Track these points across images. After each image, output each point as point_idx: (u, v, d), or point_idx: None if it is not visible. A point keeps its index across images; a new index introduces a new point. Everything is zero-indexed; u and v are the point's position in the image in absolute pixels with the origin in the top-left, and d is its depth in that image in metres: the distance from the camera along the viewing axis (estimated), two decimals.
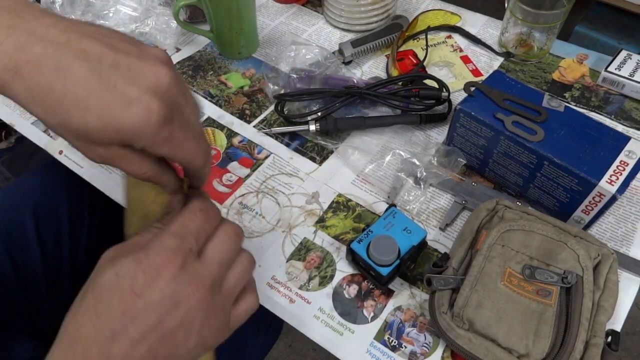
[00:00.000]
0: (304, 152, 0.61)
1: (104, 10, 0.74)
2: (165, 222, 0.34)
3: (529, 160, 0.50)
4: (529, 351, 0.40)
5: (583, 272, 0.43)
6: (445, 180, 0.56)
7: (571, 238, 0.45)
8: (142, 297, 0.28)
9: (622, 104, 0.64)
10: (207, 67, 0.71)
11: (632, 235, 0.52)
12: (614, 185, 0.46)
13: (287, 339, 1.18)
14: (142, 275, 0.29)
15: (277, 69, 0.68)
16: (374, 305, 0.48)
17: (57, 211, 0.62)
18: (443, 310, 0.43)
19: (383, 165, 0.59)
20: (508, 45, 0.70)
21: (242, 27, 0.68)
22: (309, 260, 0.52)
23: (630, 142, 0.49)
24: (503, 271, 0.43)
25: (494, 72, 0.57)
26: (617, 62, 0.66)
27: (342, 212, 0.55)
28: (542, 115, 0.51)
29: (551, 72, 0.69)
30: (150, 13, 0.73)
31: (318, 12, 0.80)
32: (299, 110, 0.65)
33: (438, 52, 0.73)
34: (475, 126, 0.53)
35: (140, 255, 0.29)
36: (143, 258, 0.29)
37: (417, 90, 0.62)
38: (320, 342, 0.46)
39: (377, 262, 0.46)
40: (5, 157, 1.37)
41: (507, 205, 0.49)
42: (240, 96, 0.68)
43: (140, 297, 0.28)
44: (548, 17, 0.64)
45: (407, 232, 0.48)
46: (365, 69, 0.71)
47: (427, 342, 0.46)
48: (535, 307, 0.41)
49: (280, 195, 0.57)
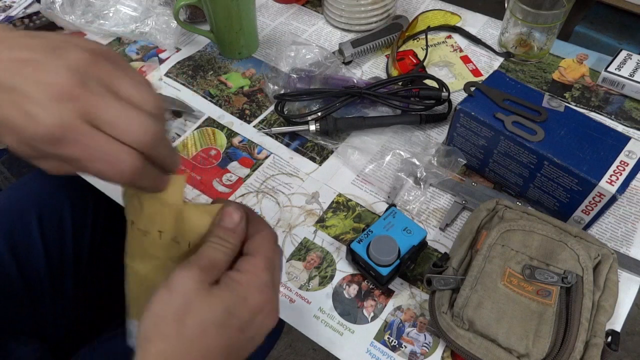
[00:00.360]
0: (304, 152, 0.61)
1: (104, 10, 0.74)
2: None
3: (529, 160, 0.50)
4: (529, 351, 0.40)
5: (583, 272, 0.43)
6: (445, 180, 0.56)
7: (571, 238, 0.45)
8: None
9: (622, 104, 0.64)
10: (207, 67, 0.71)
11: (632, 235, 0.52)
12: (614, 185, 0.46)
13: (287, 339, 1.18)
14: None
15: (277, 69, 0.68)
16: (374, 305, 0.48)
17: (61, 212, 0.62)
18: (443, 310, 0.43)
19: (383, 165, 0.59)
20: (508, 45, 0.70)
21: (242, 27, 0.68)
22: (309, 260, 0.52)
23: (630, 142, 0.49)
24: (503, 271, 0.43)
25: (494, 72, 0.57)
26: (617, 62, 0.66)
27: (342, 212, 0.55)
28: (542, 115, 0.51)
29: (551, 72, 0.69)
30: (150, 13, 0.73)
31: (318, 12, 0.80)
32: (299, 110, 0.65)
33: (438, 52, 0.73)
34: (475, 126, 0.53)
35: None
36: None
37: (417, 90, 0.62)
38: (320, 342, 0.46)
39: (377, 262, 0.46)
40: (5, 157, 1.37)
41: (507, 205, 0.49)
42: (240, 96, 0.68)
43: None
44: (548, 17, 0.64)
45: (407, 232, 0.48)
46: (365, 69, 0.71)
47: (427, 342, 0.46)
48: (535, 307, 0.41)
49: (280, 195, 0.57)
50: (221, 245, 0.33)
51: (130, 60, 0.72)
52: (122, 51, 0.73)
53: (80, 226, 0.63)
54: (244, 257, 0.33)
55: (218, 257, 0.32)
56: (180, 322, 0.29)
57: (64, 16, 0.73)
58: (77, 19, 0.73)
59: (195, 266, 0.31)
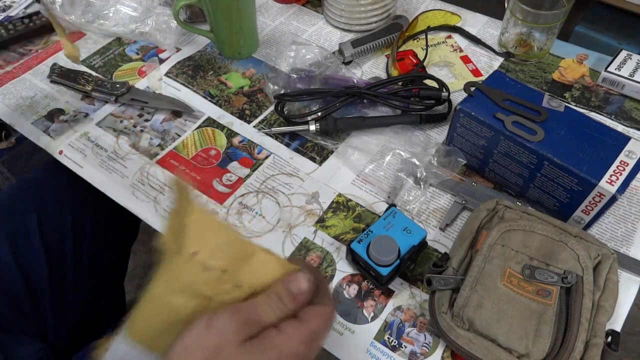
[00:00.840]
0: (304, 152, 0.61)
1: (104, 10, 0.74)
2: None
3: (529, 160, 0.50)
4: (529, 351, 0.40)
5: (583, 272, 0.43)
6: (445, 180, 0.56)
7: (571, 238, 0.45)
8: None
9: (622, 104, 0.64)
10: (207, 67, 0.71)
11: (632, 235, 0.52)
12: (614, 185, 0.46)
13: None
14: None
15: (277, 69, 0.68)
16: (374, 305, 0.48)
17: (61, 212, 0.62)
18: (443, 310, 0.43)
19: (383, 165, 0.59)
20: (508, 45, 0.70)
21: (242, 27, 0.68)
22: (309, 260, 0.51)
23: (630, 142, 0.49)
24: (503, 271, 0.43)
25: (494, 72, 0.57)
26: (617, 62, 0.66)
27: (342, 212, 0.55)
28: (542, 115, 0.51)
29: (551, 72, 0.69)
30: (150, 13, 0.73)
31: (318, 12, 0.80)
32: (299, 110, 0.65)
33: (438, 52, 0.73)
34: (475, 126, 0.53)
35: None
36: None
37: (417, 90, 0.62)
38: None
39: (377, 262, 0.46)
40: (5, 157, 1.37)
41: (507, 205, 0.49)
42: (240, 96, 0.68)
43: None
44: (548, 17, 0.64)
45: (407, 232, 0.48)
46: (365, 69, 0.71)
47: (427, 342, 0.46)
48: (535, 307, 0.41)
49: (280, 195, 0.57)
50: (276, 307, 0.32)
51: (130, 60, 0.72)
52: (122, 51, 0.73)
53: (81, 226, 0.63)
54: (290, 320, 0.32)
55: (268, 316, 0.32)
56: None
57: (64, 16, 0.73)
58: (77, 19, 0.73)
59: (244, 314, 0.31)
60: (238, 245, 0.31)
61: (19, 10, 0.79)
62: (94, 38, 0.75)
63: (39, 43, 0.75)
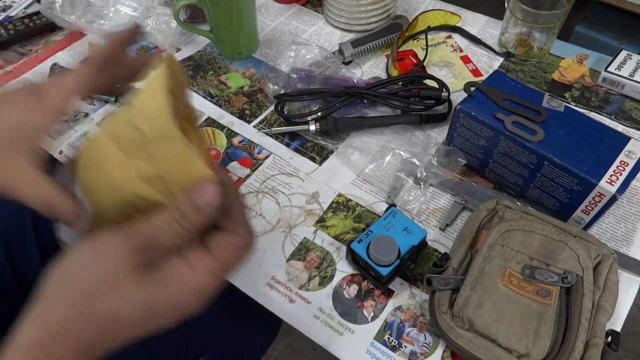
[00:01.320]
0: (304, 152, 0.61)
1: (104, 10, 0.74)
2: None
3: (529, 160, 0.50)
4: (529, 351, 0.40)
5: (583, 272, 0.43)
6: (445, 180, 0.56)
7: (571, 238, 0.45)
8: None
9: (622, 104, 0.64)
10: (207, 67, 0.71)
11: (632, 235, 0.52)
12: (614, 185, 0.46)
13: (287, 339, 1.18)
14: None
15: (277, 69, 0.68)
16: (374, 305, 0.48)
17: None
18: (443, 310, 0.43)
19: (383, 165, 0.59)
20: (508, 45, 0.70)
21: (242, 27, 0.68)
22: (309, 260, 0.52)
23: (630, 142, 0.49)
24: (503, 271, 0.43)
25: (494, 72, 0.57)
26: (617, 62, 0.66)
27: (342, 212, 0.55)
28: (542, 115, 0.51)
29: (551, 72, 0.69)
30: (150, 13, 0.73)
31: (318, 12, 0.80)
32: (299, 110, 0.65)
33: (438, 52, 0.73)
34: (475, 126, 0.53)
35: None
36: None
37: (417, 90, 0.62)
38: (320, 342, 0.46)
39: (377, 262, 0.46)
40: None
41: (507, 205, 0.49)
42: (240, 96, 0.68)
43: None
44: (548, 17, 0.64)
45: (407, 232, 0.48)
46: (365, 69, 0.71)
47: (427, 342, 0.46)
48: (535, 307, 0.41)
49: (280, 195, 0.57)
50: (178, 225, 0.28)
51: None
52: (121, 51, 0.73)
53: None
54: (198, 251, 0.28)
55: (170, 238, 0.28)
56: (94, 299, 0.26)
57: (64, 16, 0.73)
58: (77, 19, 0.73)
59: (138, 239, 0.27)
60: (164, 123, 0.28)
61: (19, 10, 0.79)
62: (94, 38, 0.75)
63: (39, 43, 0.75)
